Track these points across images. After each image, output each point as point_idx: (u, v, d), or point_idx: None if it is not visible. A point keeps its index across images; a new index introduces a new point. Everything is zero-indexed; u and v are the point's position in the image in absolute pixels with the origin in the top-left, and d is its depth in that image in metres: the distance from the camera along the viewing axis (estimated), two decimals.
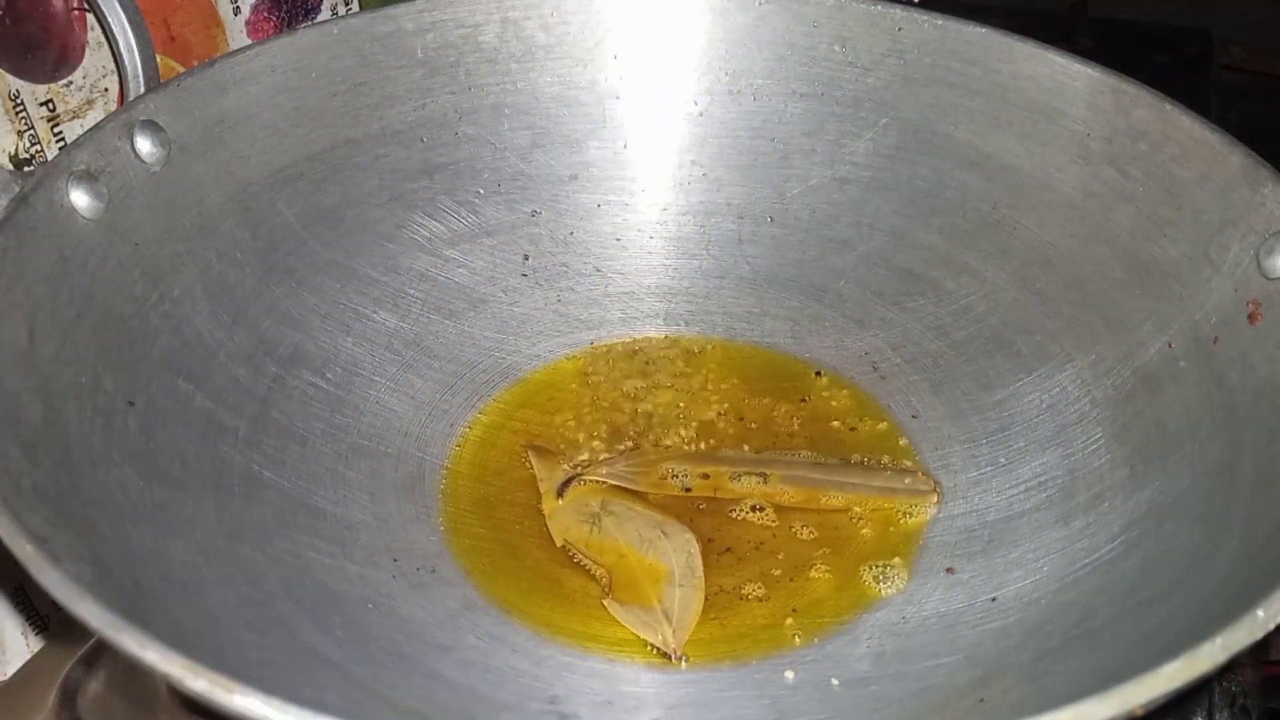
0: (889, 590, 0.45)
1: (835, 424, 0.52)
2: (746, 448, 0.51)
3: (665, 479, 0.49)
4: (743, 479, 0.49)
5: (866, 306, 0.56)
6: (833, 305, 0.56)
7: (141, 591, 0.35)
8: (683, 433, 0.52)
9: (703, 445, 0.51)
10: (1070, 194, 0.52)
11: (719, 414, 0.53)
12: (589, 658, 0.43)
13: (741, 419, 0.52)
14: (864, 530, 0.47)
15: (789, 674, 0.42)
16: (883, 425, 0.52)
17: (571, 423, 0.52)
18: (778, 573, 0.46)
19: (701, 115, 0.58)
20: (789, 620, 0.44)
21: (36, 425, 0.37)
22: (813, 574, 0.46)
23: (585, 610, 0.45)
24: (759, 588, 0.45)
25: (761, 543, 0.47)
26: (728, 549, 0.47)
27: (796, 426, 0.52)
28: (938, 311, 0.54)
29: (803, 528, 0.47)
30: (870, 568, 0.46)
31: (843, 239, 0.56)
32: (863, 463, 0.50)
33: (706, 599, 0.44)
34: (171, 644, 0.29)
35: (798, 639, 0.43)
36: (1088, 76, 0.51)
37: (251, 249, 0.49)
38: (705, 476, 0.49)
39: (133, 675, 0.44)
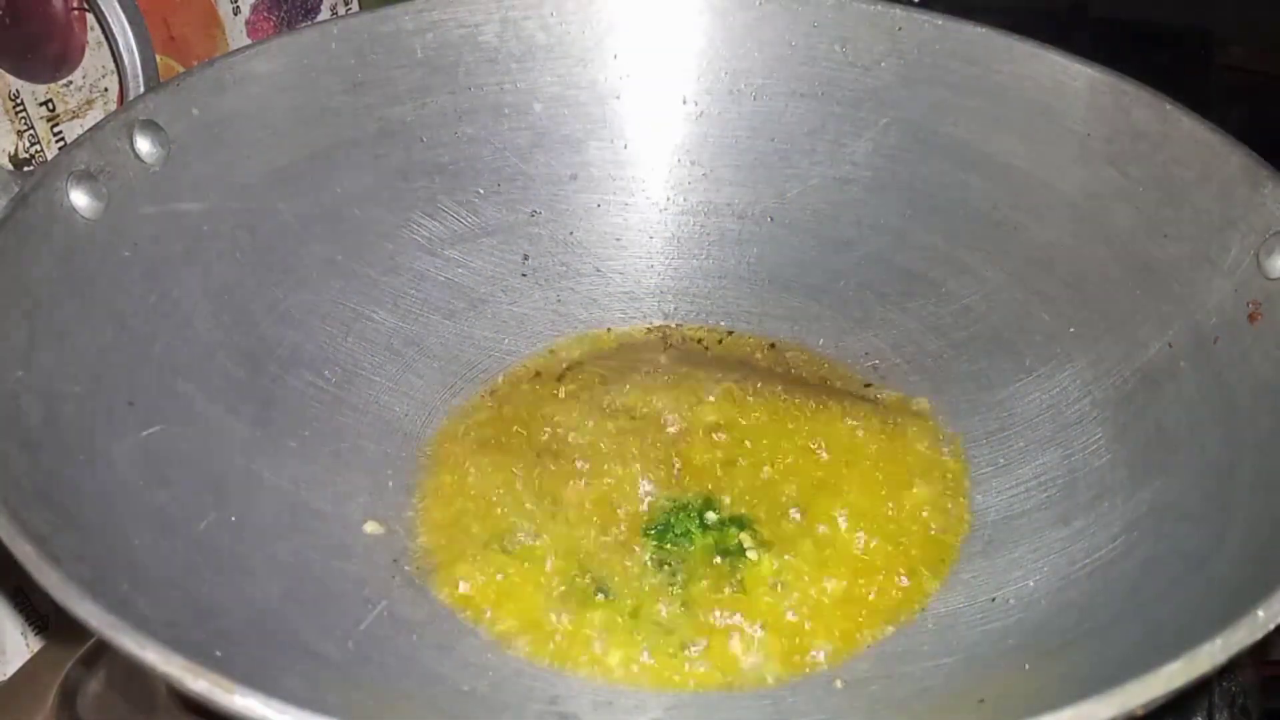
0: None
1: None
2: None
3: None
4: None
5: (867, 306, 0.56)
6: (833, 305, 0.56)
7: (141, 591, 0.35)
8: (681, 418, 0.52)
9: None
10: (1070, 194, 0.52)
11: (718, 400, 0.53)
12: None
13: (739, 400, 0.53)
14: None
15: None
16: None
17: (571, 420, 0.52)
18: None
19: (701, 115, 0.58)
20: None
21: (36, 425, 0.37)
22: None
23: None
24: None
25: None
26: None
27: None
28: (938, 311, 0.54)
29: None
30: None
31: (843, 239, 0.56)
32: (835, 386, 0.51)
33: None
34: (171, 644, 0.29)
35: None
36: (1088, 76, 0.51)
37: (251, 249, 0.49)
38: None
39: (133, 675, 0.44)
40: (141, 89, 0.53)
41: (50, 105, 0.55)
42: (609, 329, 0.57)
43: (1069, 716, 0.28)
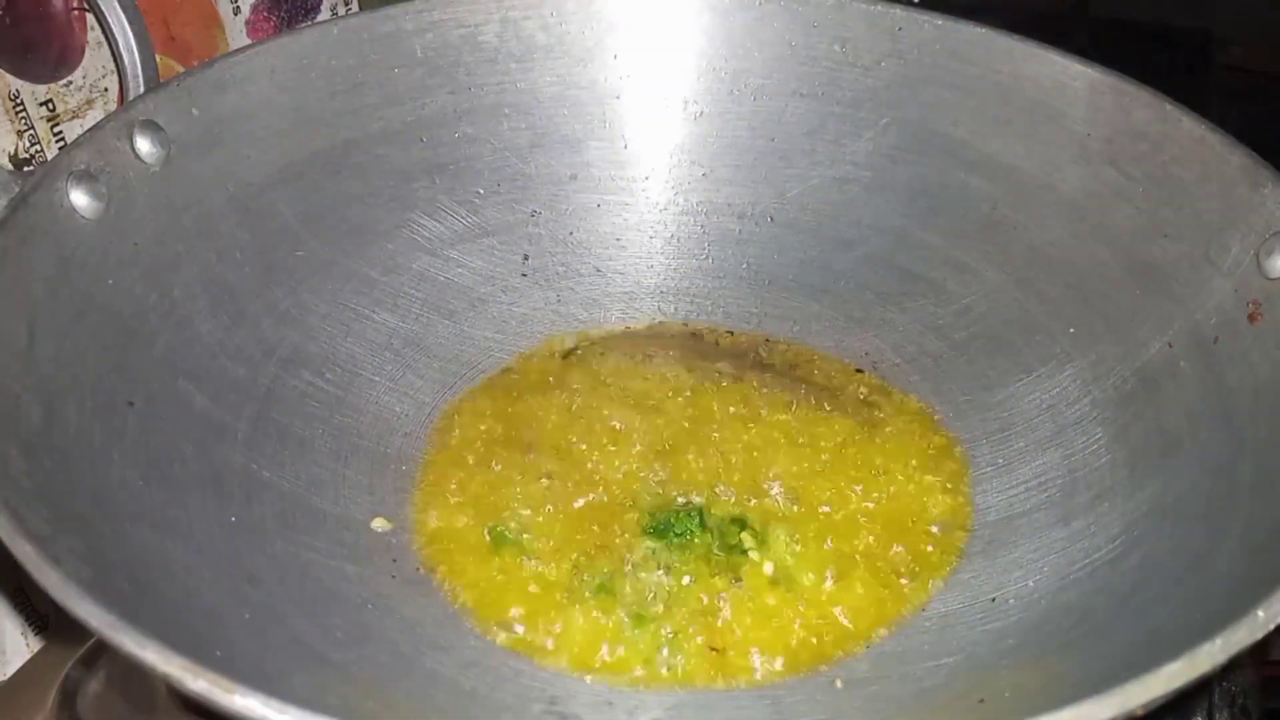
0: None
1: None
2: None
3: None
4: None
5: (866, 306, 0.56)
6: (833, 305, 0.56)
7: (141, 591, 0.35)
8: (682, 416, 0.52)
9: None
10: (1070, 194, 0.52)
11: (719, 398, 0.53)
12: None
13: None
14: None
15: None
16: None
17: (571, 419, 0.52)
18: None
19: (701, 115, 0.58)
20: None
21: (36, 425, 0.37)
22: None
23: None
24: None
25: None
26: None
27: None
28: (938, 311, 0.54)
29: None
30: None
31: (843, 239, 0.56)
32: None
33: None
34: (171, 644, 0.29)
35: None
36: (1088, 76, 0.51)
37: (251, 249, 0.49)
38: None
39: (132, 675, 0.44)
40: (141, 89, 0.53)
41: (50, 105, 0.55)
42: (609, 327, 0.57)
43: (1069, 716, 0.28)
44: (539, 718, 0.40)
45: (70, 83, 0.56)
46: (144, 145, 0.46)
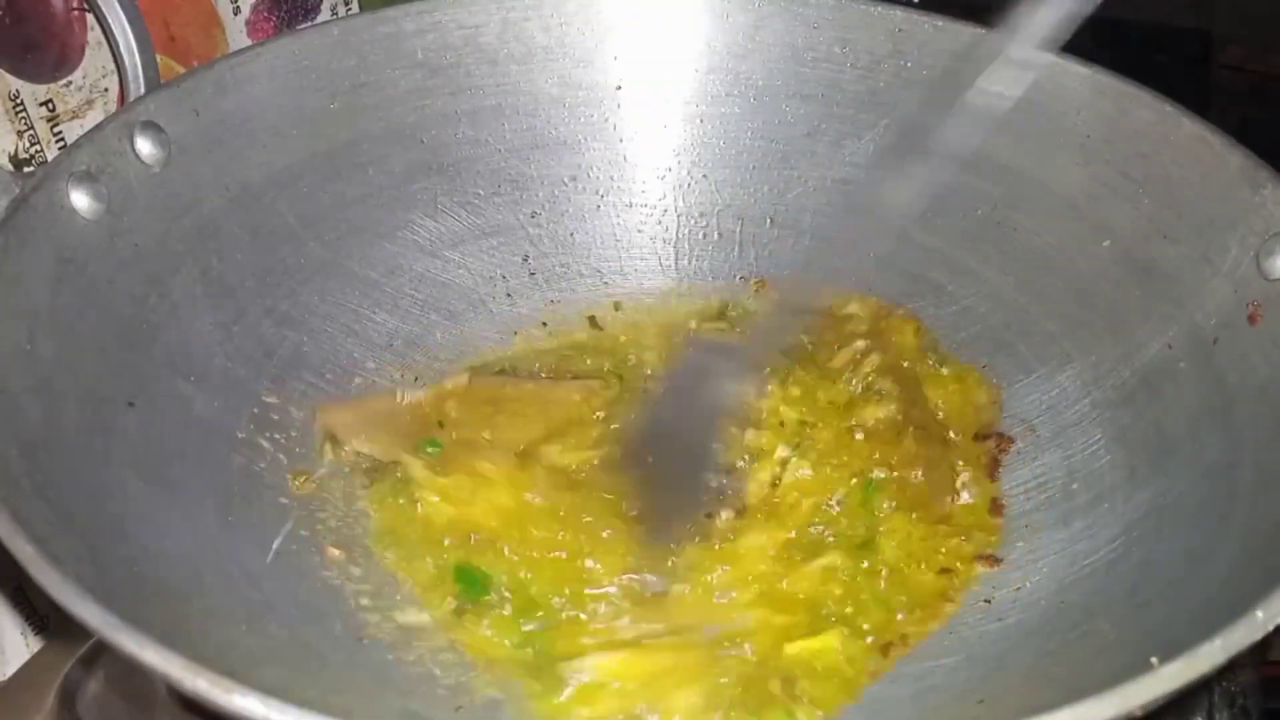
0: None
1: None
2: None
3: None
4: None
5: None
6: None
7: (141, 592, 0.35)
8: None
9: None
10: (1070, 194, 0.52)
11: None
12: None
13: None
14: None
15: None
16: None
17: (570, 419, 0.52)
18: None
19: (701, 117, 0.58)
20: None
21: (36, 425, 0.37)
22: None
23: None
24: None
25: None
26: None
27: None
28: (938, 312, 0.54)
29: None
30: None
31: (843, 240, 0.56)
32: None
33: None
34: (171, 644, 0.29)
35: None
36: (1088, 77, 0.51)
37: (251, 249, 0.49)
38: None
39: (132, 675, 0.44)
40: (142, 90, 0.53)
41: (50, 105, 0.55)
42: (607, 329, 0.56)
43: (1069, 716, 0.28)
44: None
45: (70, 83, 0.56)
46: (144, 146, 0.46)
